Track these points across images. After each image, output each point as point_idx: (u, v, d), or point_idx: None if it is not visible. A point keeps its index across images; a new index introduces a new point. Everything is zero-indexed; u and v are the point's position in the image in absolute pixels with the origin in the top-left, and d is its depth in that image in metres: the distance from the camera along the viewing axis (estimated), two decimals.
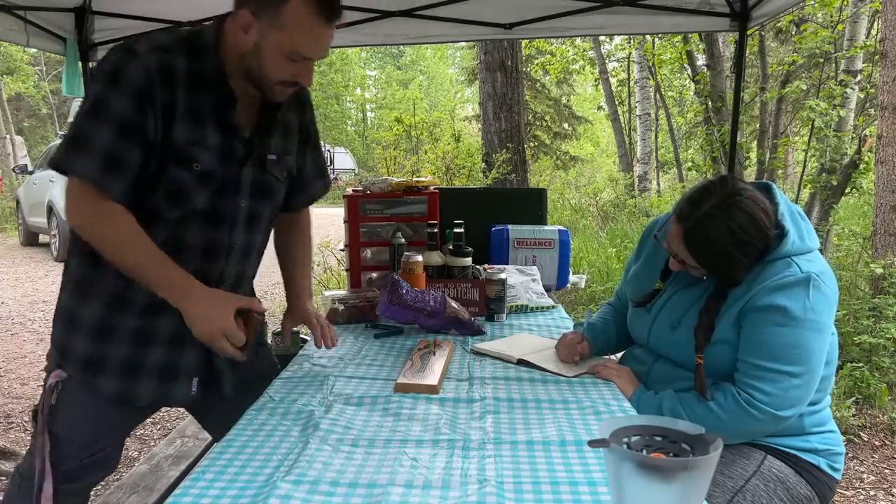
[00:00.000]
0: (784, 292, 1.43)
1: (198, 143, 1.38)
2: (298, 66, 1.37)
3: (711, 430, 1.40)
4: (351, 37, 3.45)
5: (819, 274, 1.45)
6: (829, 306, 1.47)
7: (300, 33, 1.33)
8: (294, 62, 1.36)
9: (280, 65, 1.36)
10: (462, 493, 1.04)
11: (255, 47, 1.35)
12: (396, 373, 1.61)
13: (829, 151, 6.10)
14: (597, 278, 6.24)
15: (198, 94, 1.38)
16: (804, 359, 1.43)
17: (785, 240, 1.47)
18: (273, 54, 1.34)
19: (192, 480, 1.09)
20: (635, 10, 3.27)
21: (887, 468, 3.04)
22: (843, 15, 6.87)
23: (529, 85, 14.77)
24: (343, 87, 33.11)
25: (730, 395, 1.46)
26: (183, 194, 1.39)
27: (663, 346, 1.64)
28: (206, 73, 1.38)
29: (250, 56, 1.36)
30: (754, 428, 1.45)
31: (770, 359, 1.43)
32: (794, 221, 1.52)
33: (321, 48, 1.37)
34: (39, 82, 20.17)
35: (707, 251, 1.47)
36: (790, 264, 1.46)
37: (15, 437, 3.37)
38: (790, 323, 1.42)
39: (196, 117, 1.38)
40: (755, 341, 1.46)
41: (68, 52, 3.28)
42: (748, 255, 1.46)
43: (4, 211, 13.16)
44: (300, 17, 1.31)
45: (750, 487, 1.46)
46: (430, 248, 2.33)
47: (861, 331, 3.94)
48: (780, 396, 1.42)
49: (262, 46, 1.34)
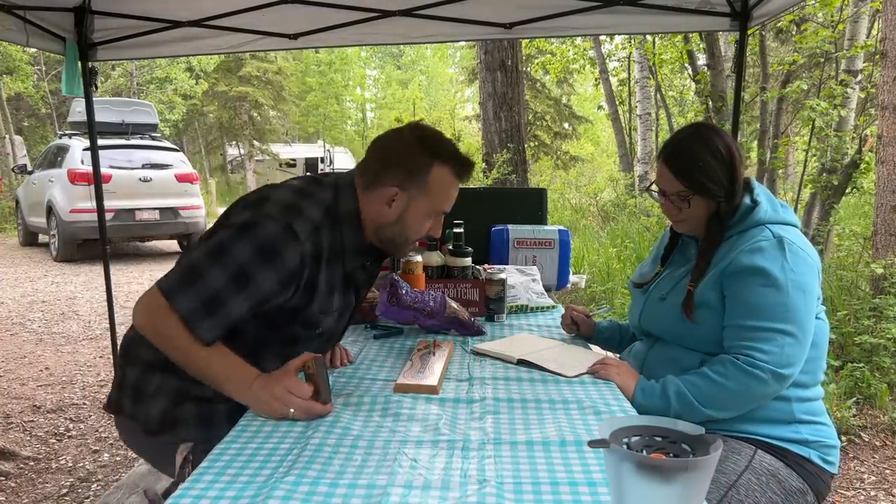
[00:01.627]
0: (761, 254, 1.50)
1: (325, 311, 1.50)
2: (434, 222, 1.54)
3: (718, 402, 1.48)
4: (351, 37, 3.45)
5: (794, 240, 1.53)
6: (809, 270, 1.52)
7: (441, 194, 1.49)
8: (432, 219, 1.53)
9: (421, 225, 1.51)
10: (462, 493, 1.04)
11: (399, 217, 1.48)
12: (396, 373, 1.60)
13: (830, 151, 6.10)
14: (597, 278, 6.24)
15: (335, 266, 1.48)
16: (792, 317, 1.47)
17: (758, 208, 1.58)
18: (417, 217, 1.49)
19: (191, 481, 1.08)
20: (636, 10, 3.26)
21: (888, 468, 3.04)
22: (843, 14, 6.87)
23: (529, 84, 14.77)
24: (343, 86, 33.12)
25: (729, 363, 1.49)
26: (299, 345, 1.49)
27: (653, 317, 1.73)
28: (350, 245, 1.49)
29: (392, 226, 1.49)
30: (759, 390, 1.47)
31: (761, 318, 1.48)
32: (770, 199, 1.63)
33: (453, 201, 1.53)
34: (39, 82, 20.15)
35: (684, 161, 1.61)
36: (764, 230, 1.56)
37: (15, 437, 3.37)
38: (773, 284, 1.48)
39: (331, 288, 1.49)
40: (742, 303, 1.51)
41: (68, 51, 3.28)
42: (724, 169, 1.59)
43: (4, 211, 13.17)
44: (443, 181, 1.48)
45: (743, 482, 1.46)
46: (430, 249, 2.32)
47: (862, 331, 3.94)
48: (778, 354, 1.46)
49: (407, 214, 1.48)
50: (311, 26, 3.42)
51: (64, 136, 9.87)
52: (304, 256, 1.38)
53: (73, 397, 3.97)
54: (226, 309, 1.34)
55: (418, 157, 1.46)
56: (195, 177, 9.63)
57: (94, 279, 7.56)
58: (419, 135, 1.49)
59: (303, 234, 1.38)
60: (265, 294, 1.37)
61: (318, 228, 1.42)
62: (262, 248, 1.34)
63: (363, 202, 1.49)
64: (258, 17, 3.30)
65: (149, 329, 1.38)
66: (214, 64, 22.51)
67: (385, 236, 1.51)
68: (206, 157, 27.17)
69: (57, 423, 3.58)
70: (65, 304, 6.43)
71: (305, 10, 3.25)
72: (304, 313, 1.46)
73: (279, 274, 1.36)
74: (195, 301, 1.32)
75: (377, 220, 1.49)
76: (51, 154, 9.81)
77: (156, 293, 1.34)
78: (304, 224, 1.39)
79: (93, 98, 3.58)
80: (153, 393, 1.48)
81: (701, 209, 1.63)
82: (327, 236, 1.44)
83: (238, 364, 1.38)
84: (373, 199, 1.48)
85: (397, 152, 1.48)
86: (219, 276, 1.33)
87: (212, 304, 1.33)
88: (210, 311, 1.33)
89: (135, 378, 1.51)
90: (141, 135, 9.75)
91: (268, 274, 1.35)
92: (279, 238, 1.35)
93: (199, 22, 3.34)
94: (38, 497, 2.81)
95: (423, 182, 1.46)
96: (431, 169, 1.46)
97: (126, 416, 1.52)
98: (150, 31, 3.38)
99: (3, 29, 2.91)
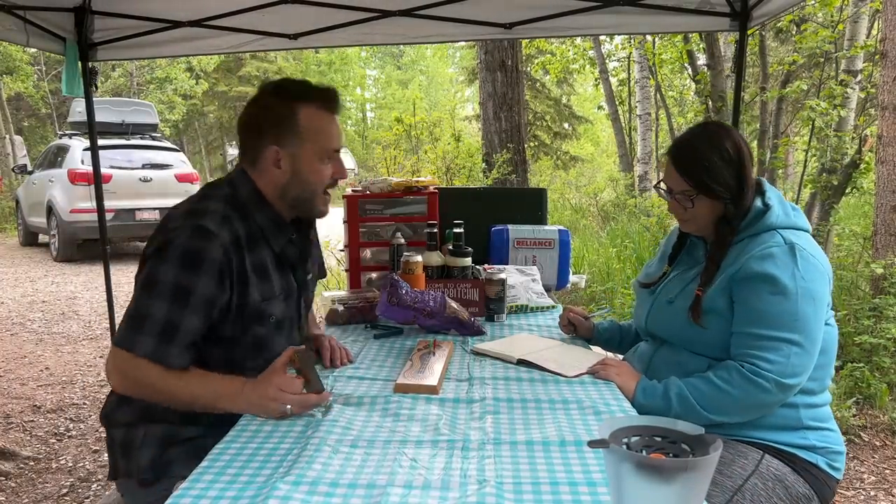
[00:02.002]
0: (772, 261, 1.48)
1: (268, 297, 1.50)
2: (333, 164, 1.52)
3: (720, 407, 1.47)
4: (351, 36, 3.45)
5: (805, 246, 1.50)
6: (820, 277, 1.49)
7: (321, 134, 1.48)
8: (328, 161, 1.51)
9: (320, 171, 1.50)
10: (461, 493, 1.04)
11: (292, 173, 1.48)
12: (396, 373, 1.60)
13: (830, 151, 6.10)
14: (597, 278, 6.23)
15: (259, 250, 1.48)
16: (801, 326, 1.45)
17: (769, 213, 1.55)
18: (311, 165, 1.48)
19: (191, 481, 1.08)
20: (636, 10, 3.26)
21: (888, 468, 3.04)
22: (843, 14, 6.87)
23: (529, 85, 14.77)
24: (343, 86, 33.10)
25: (733, 370, 1.47)
26: (262, 346, 1.50)
27: (660, 320, 1.70)
28: (265, 224, 1.49)
29: (293, 184, 1.49)
30: (763, 399, 1.46)
31: (768, 327, 1.45)
32: (781, 202, 1.60)
33: (340, 136, 1.53)
34: (39, 82, 20.14)
35: (690, 161, 1.58)
36: (775, 235, 1.53)
37: (15, 437, 3.37)
38: (782, 292, 1.45)
39: (264, 272, 1.49)
40: (750, 311, 1.48)
41: (68, 51, 3.28)
42: (731, 170, 1.55)
43: (4, 211, 13.16)
44: (314, 120, 1.47)
45: (749, 487, 1.45)
46: (430, 249, 2.32)
47: (861, 331, 3.93)
48: (783, 364, 1.43)
49: (299, 166, 1.47)
50: (311, 26, 3.42)
51: (64, 136, 9.87)
52: (225, 246, 1.39)
53: (73, 397, 3.97)
54: (181, 330, 1.35)
55: (279, 108, 1.46)
56: (195, 177, 9.63)
57: (94, 279, 7.56)
58: (271, 89, 1.49)
59: (214, 227, 1.39)
60: (208, 298, 1.38)
61: (226, 218, 1.43)
62: (183, 259, 1.35)
63: (258, 180, 1.50)
64: (258, 17, 3.30)
65: (128, 385, 1.39)
66: (214, 64, 22.52)
67: (292, 197, 1.51)
68: (206, 157, 27.16)
69: (57, 423, 3.58)
70: (65, 304, 6.43)
71: (305, 10, 3.25)
72: (250, 307, 1.46)
73: (210, 273, 1.37)
74: (152, 337, 1.34)
75: (277, 185, 1.49)
76: (51, 154, 9.80)
77: (116, 350, 1.36)
78: (211, 219, 1.40)
79: (93, 98, 3.58)
80: (140, 444, 1.48)
81: (706, 209, 1.60)
82: (239, 224, 1.45)
83: (220, 379, 1.40)
84: (263, 170, 1.49)
85: (259, 116, 1.48)
86: (160, 305, 1.34)
87: (167, 333, 1.34)
88: (169, 338, 1.34)
89: (121, 437, 1.51)
90: (141, 135, 9.74)
91: (201, 279, 1.36)
92: (194, 242, 1.36)
93: (200, 22, 3.34)
94: (38, 497, 2.81)
95: (295, 129, 1.45)
96: (297, 113, 1.45)
97: (122, 475, 1.51)
98: (150, 31, 3.38)
99: (4, 29, 2.91)
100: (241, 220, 1.46)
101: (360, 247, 2.65)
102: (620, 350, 1.98)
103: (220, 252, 1.38)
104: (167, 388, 1.36)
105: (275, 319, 1.52)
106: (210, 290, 1.37)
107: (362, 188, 2.73)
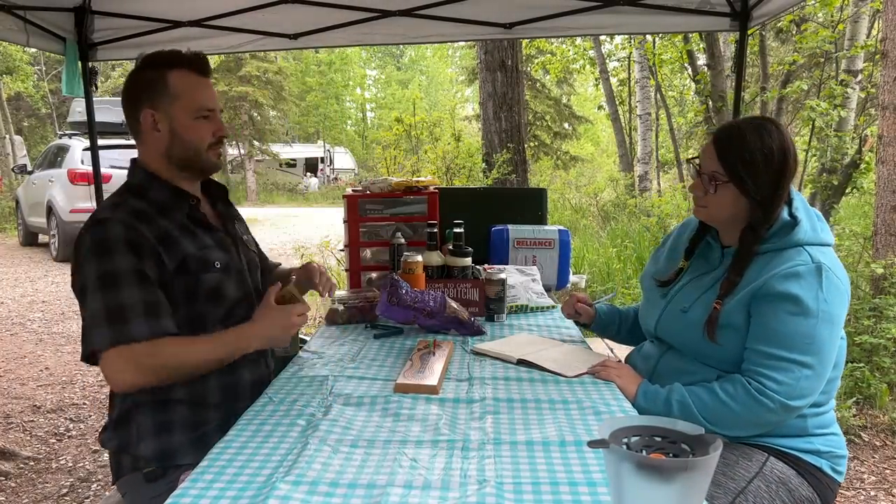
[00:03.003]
0: (797, 281, 1.43)
1: (204, 247, 1.56)
2: (210, 122, 1.59)
3: (721, 420, 1.45)
4: (351, 36, 3.45)
5: (831, 266, 1.46)
6: (841, 300, 1.46)
7: (193, 93, 1.56)
8: (205, 120, 1.57)
9: (197, 129, 1.56)
10: (461, 493, 1.04)
11: (171, 133, 1.55)
12: (396, 373, 1.60)
13: (830, 151, 6.10)
14: (597, 278, 6.23)
15: (173, 216, 1.54)
16: (816, 349, 1.42)
17: (798, 227, 1.48)
18: (186, 123, 1.55)
19: (191, 481, 1.08)
20: (636, 10, 3.26)
21: (888, 468, 3.04)
22: (843, 14, 6.87)
23: (530, 84, 14.77)
24: (343, 86, 33.11)
25: (739, 385, 1.45)
26: (219, 293, 1.56)
27: (671, 329, 1.65)
28: (164, 197, 1.55)
29: (175, 145, 1.55)
30: (765, 418, 1.44)
31: (781, 347, 1.42)
32: (808, 215, 1.53)
33: (213, 97, 1.60)
34: (39, 82, 20.16)
35: (733, 146, 1.50)
36: (801, 252, 1.47)
37: (15, 437, 3.37)
38: (803, 313, 1.42)
39: (186, 233, 1.55)
40: (766, 329, 1.45)
41: (68, 51, 3.28)
42: (769, 172, 1.48)
43: (4, 211, 13.16)
44: (185, 81, 1.55)
45: (752, 489, 1.45)
46: (430, 248, 2.32)
47: (862, 331, 3.93)
48: (791, 386, 1.41)
49: (176, 126, 1.54)
50: (311, 26, 3.42)
51: (64, 136, 9.87)
52: (123, 221, 1.44)
53: (73, 397, 3.97)
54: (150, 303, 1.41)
55: (150, 74, 1.55)
56: None
57: None
58: (142, 62, 1.58)
59: (104, 214, 1.47)
60: (144, 272, 1.43)
61: (116, 204, 1.50)
62: (94, 248, 1.42)
63: (145, 155, 1.58)
64: (258, 17, 3.30)
65: (145, 373, 1.40)
66: (214, 64, 22.49)
67: (177, 158, 1.57)
68: None
69: (57, 423, 3.58)
70: (65, 303, 6.43)
71: (305, 10, 3.25)
72: (190, 258, 1.51)
73: (122, 248, 1.42)
74: (141, 318, 1.39)
75: (160, 149, 1.56)
76: (51, 154, 9.81)
77: (109, 355, 1.37)
78: (100, 212, 1.50)
79: (93, 98, 3.58)
80: (137, 438, 1.50)
81: (728, 200, 1.52)
82: (134, 203, 1.51)
83: (229, 331, 1.50)
84: (145, 139, 1.56)
85: (134, 86, 1.56)
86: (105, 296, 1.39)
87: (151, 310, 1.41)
88: (155, 313, 1.41)
89: (117, 442, 1.53)
90: None
91: (120, 258, 1.41)
92: (92, 233, 1.44)
93: (199, 22, 3.34)
94: (38, 497, 2.81)
95: (167, 91, 1.53)
96: (167, 77, 1.53)
97: (127, 471, 1.53)
98: (150, 31, 3.38)
99: (4, 29, 2.91)
100: (139, 199, 1.53)
101: (360, 247, 2.65)
102: (616, 338, 1.97)
103: (121, 229, 1.43)
104: (187, 357, 1.43)
105: (220, 265, 1.57)
106: (133, 263, 1.42)
107: (362, 188, 2.73)
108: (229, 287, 1.58)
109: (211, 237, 1.60)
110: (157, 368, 1.40)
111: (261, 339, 1.53)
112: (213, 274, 1.55)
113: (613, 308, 2.00)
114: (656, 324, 1.70)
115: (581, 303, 1.96)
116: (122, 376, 1.39)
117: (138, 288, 1.41)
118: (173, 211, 1.55)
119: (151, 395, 1.48)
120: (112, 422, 1.55)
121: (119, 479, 1.55)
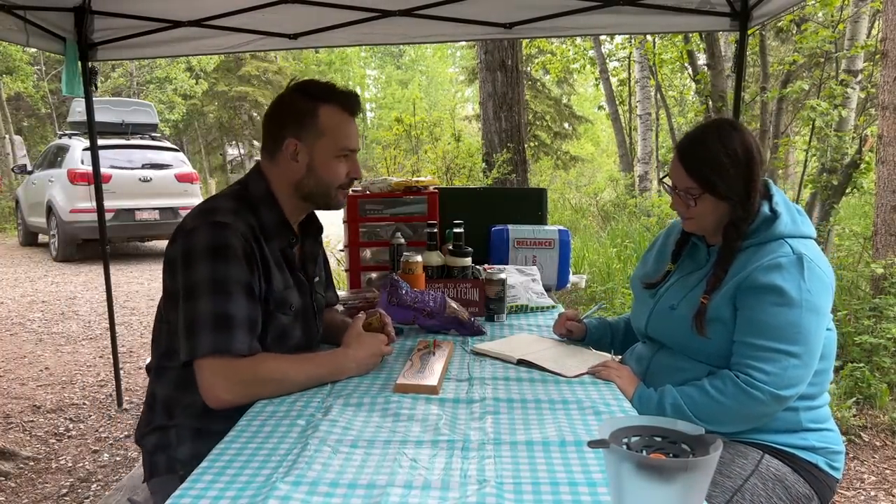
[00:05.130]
0: (780, 272, 1.46)
1: (288, 286, 1.56)
2: (348, 163, 1.59)
3: (714, 417, 1.45)
4: (351, 36, 3.45)
5: (813, 257, 1.49)
6: (824, 290, 1.48)
7: (339, 132, 1.55)
8: (344, 159, 1.57)
9: (335, 168, 1.56)
10: (461, 493, 1.04)
11: (308, 168, 1.54)
12: (396, 373, 1.60)
13: (830, 151, 6.10)
14: (597, 278, 6.23)
15: (273, 244, 1.54)
16: (802, 338, 1.44)
17: (778, 221, 1.52)
18: (327, 161, 1.55)
19: (191, 481, 1.08)
20: (636, 10, 3.26)
21: (888, 468, 3.04)
22: (843, 14, 6.87)
23: (530, 84, 14.78)
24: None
25: (728, 379, 1.46)
26: (285, 335, 1.57)
27: (661, 327, 1.68)
28: (271, 223, 1.54)
29: (308, 179, 1.55)
30: (756, 410, 1.45)
31: (767, 338, 1.44)
32: (788, 208, 1.57)
33: (356, 137, 1.59)
34: (39, 82, 20.14)
35: (697, 158, 1.55)
36: (783, 245, 1.50)
37: (15, 437, 3.37)
38: (787, 303, 1.44)
39: (278, 267, 1.54)
40: (752, 321, 1.47)
41: (68, 51, 3.28)
42: (738, 172, 1.52)
43: (4, 211, 13.17)
44: (334, 119, 1.54)
45: (749, 487, 1.45)
46: (430, 248, 2.32)
47: (862, 331, 3.93)
48: (779, 375, 1.42)
49: (315, 161, 1.54)
50: (311, 26, 3.42)
51: (64, 136, 9.87)
52: (242, 234, 1.44)
53: (73, 397, 3.97)
54: (252, 319, 1.41)
55: (302, 105, 1.54)
56: (195, 177, 9.63)
57: (94, 279, 7.56)
58: (298, 88, 1.57)
59: (227, 219, 1.44)
60: (247, 281, 1.42)
61: (237, 211, 1.48)
62: (212, 251, 1.39)
63: (274, 175, 1.57)
64: (258, 17, 3.30)
65: (240, 388, 1.39)
66: (214, 64, 22.51)
67: (306, 191, 1.57)
68: (206, 157, 27.16)
69: (57, 423, 3.58)
70: (65, 304, 6.43)
71: (305, 10, 3.25)
72: (274, 294, 1.51)
73: (239, 259, 1.41)
74: (243, 332, 1.38)
75: (292, 179, 1.55)
76: (51, 154, 9.81)
77: (208, 363, 1.36)
78: (223, 214, 1.46)
79: (93, 98, 3.59)
80: (176, 441, 1.51)
81: (710, 209, 1.57)
82: (249, 218, 1.49)
83: (318, 356, 1.55)
84: (280, 163, 1.55)
85: (283, 111, 1.56)
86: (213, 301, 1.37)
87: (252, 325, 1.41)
88: (252, 329, 1.41)
89: (155, 441, 1.54)
90: (141, 135, 9.75)
91: (237, 268, 1.40)
92: (213, 234, 1.42)
93: (199, 22, 3.34)
94: (38, 497, 2.81)
95: (315, 125, 1.53)
96: (318, 111, 1.53)
97: (163, 472, 1.52)
98: (150, 31, 3.38)
99: (3, 29, 2.91)
100: (252, 214, 1.51)
101: (360, 247, 2.65)
102: (612, 348, 1.97)
103: (240, 239, 1.43)
104: (285, 375, 1.44)
105: (294, 309, 1.57)
106: (244, 274, 1.42)
107: (362, 188, 2.73)
108: (295, 331, 1.59)
109: (293, 277, 1.60)
110: (252, 382, 1.40)
111: (357, 365, 1.55)
112: (287, 316, 1.56)
113: (603, 321, 1.98)
114: (646, 323, 1.73)
115: (571, 320, 1.93)
116: (214, 390, 1.38)
117: (247, 301, 1.41)
118: (274, 239, 1.54)
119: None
120: (151, 420, 1.55)
121: (153, 479, 1.55)
